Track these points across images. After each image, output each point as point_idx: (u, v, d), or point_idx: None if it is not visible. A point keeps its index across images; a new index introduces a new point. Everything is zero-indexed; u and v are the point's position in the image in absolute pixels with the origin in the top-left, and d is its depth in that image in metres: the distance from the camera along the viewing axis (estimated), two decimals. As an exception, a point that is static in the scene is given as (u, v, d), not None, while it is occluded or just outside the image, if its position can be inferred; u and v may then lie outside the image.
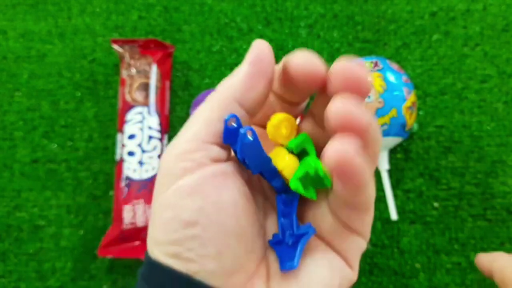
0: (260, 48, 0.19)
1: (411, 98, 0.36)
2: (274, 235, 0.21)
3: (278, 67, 0.20)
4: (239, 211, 0.19)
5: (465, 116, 0.41)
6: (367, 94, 0.18)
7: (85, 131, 0.43)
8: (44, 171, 0.42)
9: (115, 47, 0.42)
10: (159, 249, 0.19)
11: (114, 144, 0.42)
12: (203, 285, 0.18)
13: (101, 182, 0.42)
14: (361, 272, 0.39)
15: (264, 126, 0.22)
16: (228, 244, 0.18)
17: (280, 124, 0.20)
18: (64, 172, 0.42)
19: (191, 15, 0.45)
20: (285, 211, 0.21)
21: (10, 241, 0.41)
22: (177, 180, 0.18)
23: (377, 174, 0.40)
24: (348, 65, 0.17)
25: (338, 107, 0.16)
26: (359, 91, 0.17)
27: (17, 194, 0.42)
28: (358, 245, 0.20)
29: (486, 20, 0.43)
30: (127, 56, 0.42)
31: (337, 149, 0.16)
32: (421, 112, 0.42)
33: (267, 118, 0.20)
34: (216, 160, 0.19)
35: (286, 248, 0.20)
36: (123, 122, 0.41)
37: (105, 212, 0.41)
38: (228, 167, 0.19)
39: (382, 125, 0.35)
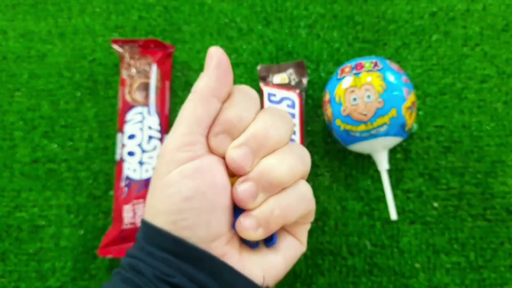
0: (217, 54, 0.25)
1: (410, 98, 0.36)
2: None
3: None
4: (227, 191, 0.25)
5: (465, 116, 0.41)
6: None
7: (85, 131, 0.43)
8: (44, 171, 0.42)
9: (115, 47, 0.42)
10: (161, 217, 0.24)
11: (114, 144, 0.42)
12: (193, 246, 0.23)
13: (101, 182, 0.42)
14: (361, 272, 0.39)
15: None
16: (216, 216, 0.24)
17: None
18: (64, 172, 0.42)
19: (191, 15, 0.45)
20: None
21: (10, 241, 0.41)
22: (179, 165, 0.24)
23: (377, 174, 0.40)
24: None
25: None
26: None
27: (17, 194, 0.42)
28: (305, 228, 0.28)
29: (486, 20, 0.43)
30: (127, 56, 0.42)
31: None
32: (420, 112, 0.42)
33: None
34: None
35: None
36: (123, 122, 0.41)
37: (105, 212, 0.41)
38: (221, 160, 0.25)
39: (382, 125, 0.35)
